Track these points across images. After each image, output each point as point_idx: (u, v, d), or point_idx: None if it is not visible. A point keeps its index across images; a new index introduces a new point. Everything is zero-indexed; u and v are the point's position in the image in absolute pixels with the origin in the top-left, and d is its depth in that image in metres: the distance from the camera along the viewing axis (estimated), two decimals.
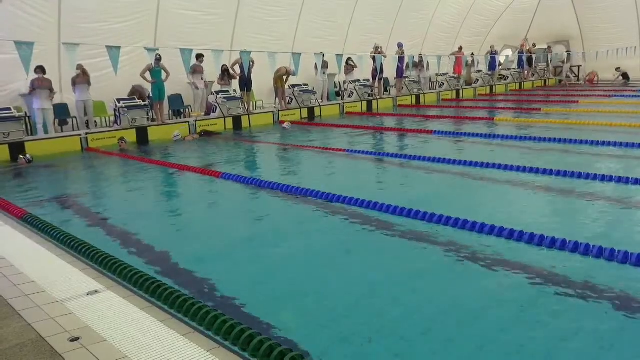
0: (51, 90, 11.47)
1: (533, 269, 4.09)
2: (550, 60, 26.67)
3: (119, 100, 12.41)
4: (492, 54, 22.79)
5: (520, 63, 24.61)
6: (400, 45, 18.81)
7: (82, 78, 12.12)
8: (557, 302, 3.57)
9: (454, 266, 4.27)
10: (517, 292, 3.75)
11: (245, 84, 14.60)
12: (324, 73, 17.11)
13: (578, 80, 26.59)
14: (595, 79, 25.34)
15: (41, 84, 11.23)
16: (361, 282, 4.03)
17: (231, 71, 14.67)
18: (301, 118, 15.64)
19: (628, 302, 3.50)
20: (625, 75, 24.38)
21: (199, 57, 13.68)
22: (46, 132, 11.52)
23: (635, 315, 3.34)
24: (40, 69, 11.11)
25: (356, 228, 5.35)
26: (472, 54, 23.38)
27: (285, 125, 13.87)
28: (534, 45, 25.96)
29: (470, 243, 4.66)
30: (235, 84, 15.05)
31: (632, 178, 6.51)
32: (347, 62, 17.63)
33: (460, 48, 22.49)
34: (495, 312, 3.50)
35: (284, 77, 15.70)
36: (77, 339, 2.89)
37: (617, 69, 24.42)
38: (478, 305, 3.59)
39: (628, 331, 3.19)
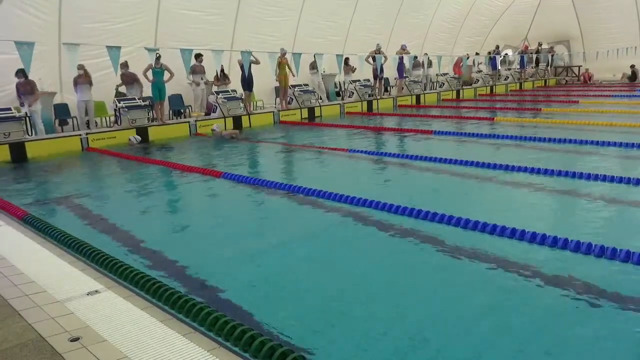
0: (33, 92, 11.21)
1: (534, 268, 4.08)
2: (551, 60, 26.70)
3: (119, 100, 12.41)
4: (494, 54, 22.77)
5: (522, 63, 24.59)
6: (404, 47, 18.81)
7: (83, 78, 12.10)
8: (557, 302, 3.56)
9: (455, 267, 4.26)
10: (518, 291, 3.75)
11: (248, 84, 14.57)
12: (316, 74, 17.06)
13: (578, 80, 26.62)
14: (590, 79, 25.34)
15: (24, 88, 11.09)
16: (364, 283, 4.02)
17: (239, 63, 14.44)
18: (301, 118, 15.64)
19: (628, 301, 3.50)
20: (632, 77, 24.24)
21: (198, 56, 13.67)
22: (36, 133, 11.43)
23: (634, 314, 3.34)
24: (22, 73, 10.78)
25: (358, 228, 5.35)
26: (477, 54, 23.34)
27: (215, 127, 12.41)
28: (540, 45, 25.96)
29: (471, 243, 4.65)
30: (233, 84, 15.02)
31: (633, 178, 6.50)
32: (346, 63, 17.65)
33: (468, 55, 22.51)
34: (497, 313, 3.50)
35: (287, 69, 15.35)
36: (77, 339, 2.88)
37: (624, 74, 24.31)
38: (478, 307, 3.58)
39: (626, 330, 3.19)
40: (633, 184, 6.42)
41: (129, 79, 12.93)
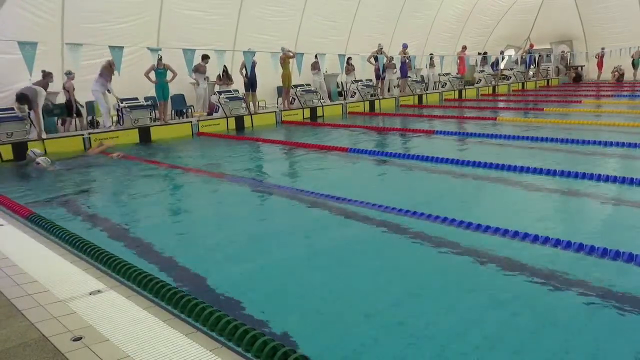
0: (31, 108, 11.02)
1: (535, 269, 4.07)
2: (553, 60, 26.63)
3: (121, 100, 12.43)
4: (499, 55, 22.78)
5: (526, 63, 24.51)
6: (405, 46, 18.83)
7: (108, 69, 11.95)
8: (558, 302, 3.55)
9: (456, 267, 4.26)
10: (519, 292, 3.75)
11: (252, 84, 14.54)
12: (318, 74, 17.08)
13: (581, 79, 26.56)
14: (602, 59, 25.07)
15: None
16: (366, 283, 4.01)
17: (241, 73, 14.48)
18: (304, 118, 15.65)
19: (628, 301, 3.49)
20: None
21: (205, 57, 13.66)
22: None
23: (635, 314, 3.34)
24: (19, 101, 10.74)
25: (360, 229, 5.35)
26: (484, 53, 23.23)
27: (33, 154, 9.73)
28: (532, 46, 25.98)
29: (473, 244, 4.64)
30: (236, 84, 15.00)
31: (635, 178, 6.48)
32: (347, 62, 17.65)
33: (464, 47, 22.42)
34: (498, 313, 3.50)
35: (289, 68, 15.33)
36: (80, 338, 2.88)
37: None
38: (480, 307, 3.58)
39: (627, 330, 3.19)
40: (636, 184, 6.39)
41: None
